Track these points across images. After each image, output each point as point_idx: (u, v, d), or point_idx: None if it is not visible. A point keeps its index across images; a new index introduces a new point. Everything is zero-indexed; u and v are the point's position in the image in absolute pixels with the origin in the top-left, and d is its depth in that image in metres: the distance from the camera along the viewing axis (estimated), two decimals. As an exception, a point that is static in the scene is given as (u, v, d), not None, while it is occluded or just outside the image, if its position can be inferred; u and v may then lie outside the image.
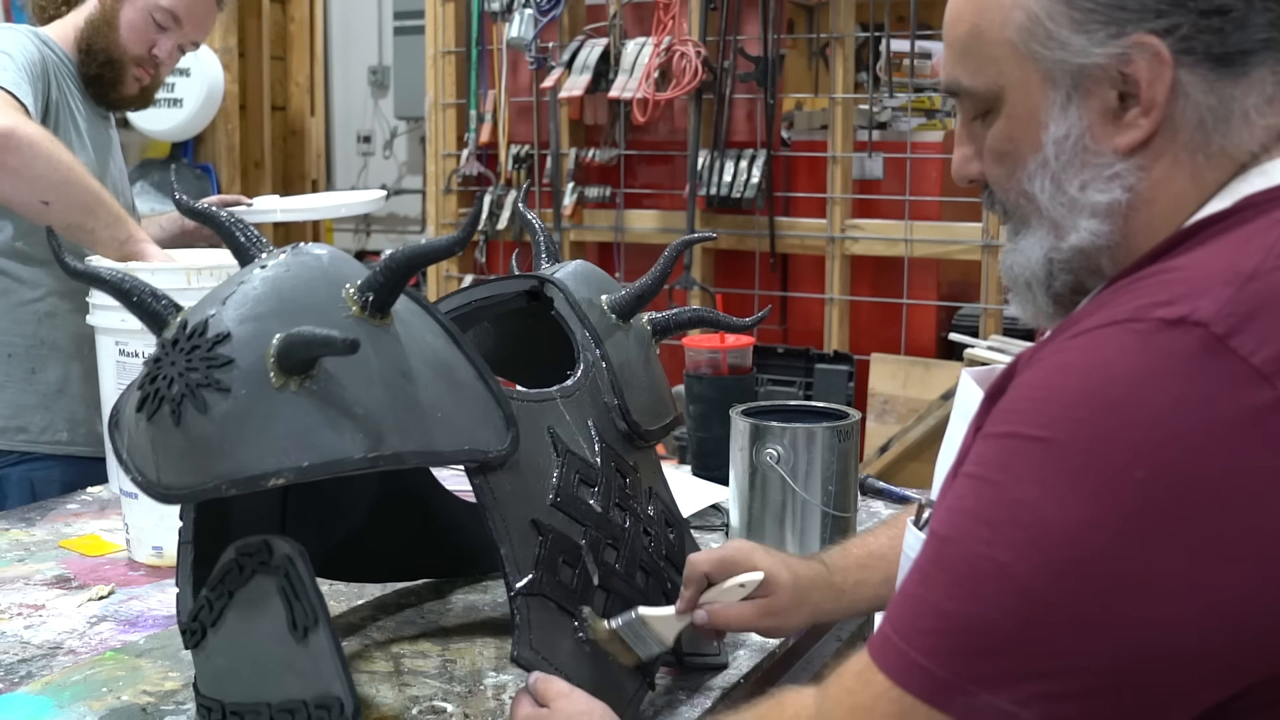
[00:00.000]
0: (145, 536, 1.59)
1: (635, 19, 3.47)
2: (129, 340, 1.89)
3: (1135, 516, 0.69)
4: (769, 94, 3.28)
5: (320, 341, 0.96)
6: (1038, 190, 0.86)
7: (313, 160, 5.18)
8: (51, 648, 1.33)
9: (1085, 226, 0.85)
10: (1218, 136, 0.81)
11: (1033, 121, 0.85)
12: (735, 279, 3.46)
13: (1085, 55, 0.82)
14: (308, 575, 1.03)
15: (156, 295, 1.07)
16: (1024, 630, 0.71)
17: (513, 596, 1.08)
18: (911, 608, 0.76)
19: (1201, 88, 0.81)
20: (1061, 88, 0.84)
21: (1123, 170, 0.83)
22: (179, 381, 0.99)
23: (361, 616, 1.43)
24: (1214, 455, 0.68)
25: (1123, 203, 0.83)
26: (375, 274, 1.04)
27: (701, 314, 1.44)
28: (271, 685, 1.04)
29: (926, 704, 0.73)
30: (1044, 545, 0.71)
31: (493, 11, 3.65)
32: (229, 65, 4.58)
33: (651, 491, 1.31)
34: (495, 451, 1.09)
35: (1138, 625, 0.69)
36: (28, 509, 1.86)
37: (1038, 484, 0.72)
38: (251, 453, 0.97)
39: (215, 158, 4.64)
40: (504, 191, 3.70)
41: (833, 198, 3.28)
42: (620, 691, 1.15)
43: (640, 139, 3.54)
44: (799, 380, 3.17)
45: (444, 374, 1.09)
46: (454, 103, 3.84)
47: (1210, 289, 0.72)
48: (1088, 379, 0.72)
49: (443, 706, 1.19)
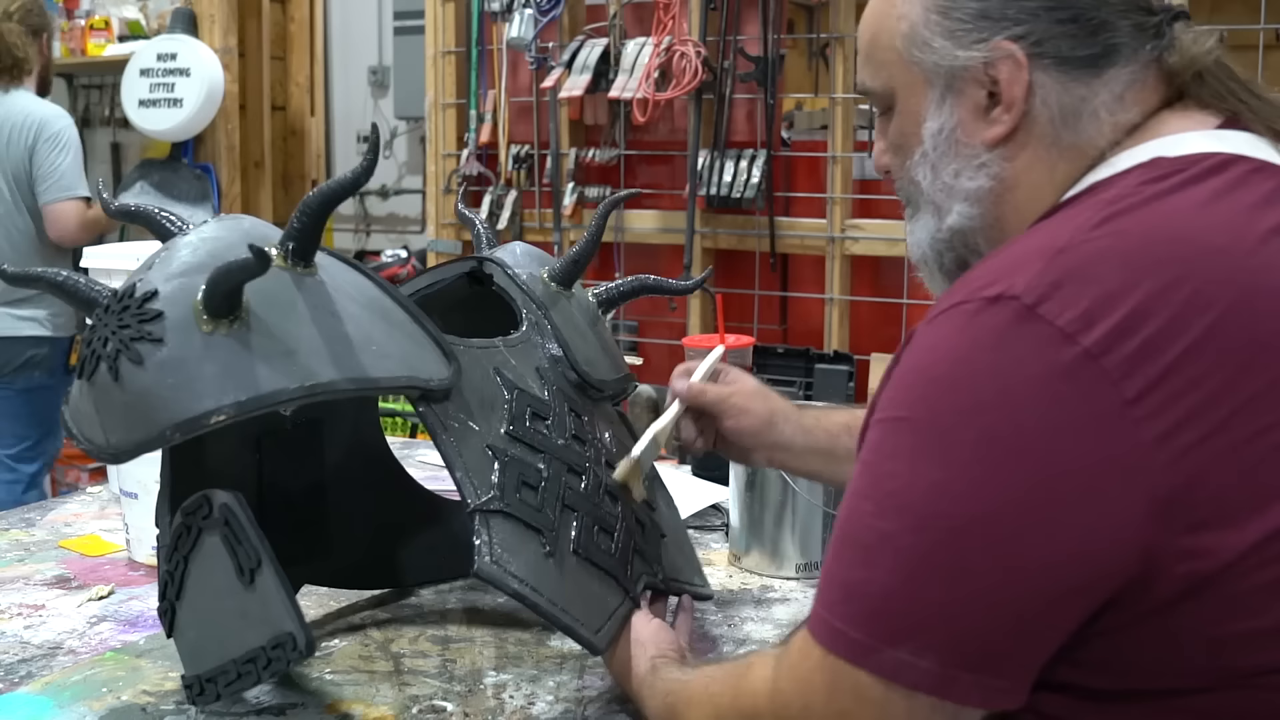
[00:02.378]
0: (145, 536, 1.59)
1: (635, 19, 3.46)
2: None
3: (973, 473, 0.78)
4: (769, 94, 3.27)
5: (237, 267, 0.98)
6: (921, 178, 0.98)
7: (313, 160, 5.18)
8: (51, 648, 1.33)
9: (958, 210, 0.96)
10: (1071, 131, 0.91)
11: (916, 117, 0.97)
12: (735, 279, 3.46)
13: (955, 59, 0.93)
14: (246, 518, 1.06)
15: (90, 284, 1.10)
16: (908, 586, 0.80)
17: (470, 513, 1.09)
18: (827, 582, 0.86)
19: (1055, 87, 0.91)
20: (937, 87, 0.95)
21: (988, 160, 0.94)
22: (113, 340, 1.02)
23: (361, 616, 1.43)
24: (1031, 411, 0.77)
25: (989, 189, 0.94)
26: (293, 221, 1.07)
27: (643, 281, 1.46)
28: (232, 641, 1.07)
29: (851, 665, 0.82)
30: (909, 509, 0.80)
31: (493, 11, 3.65)
32: (229, 65, 4.58)
33: (612, 436, 1.31)
34: (437, 380, 1.10)
35: (994, 570, 0.78)
36: (28, 509, 1.86)
37: (899, 457, 0.82)
38: (190, 396, 0.99)
39: (215, 158, 4.63)
40: (504, 191, 3.69)
41: (833, 198, 3.28)
42: (601, 605, 1.15)
43: (640, 139, 3.54)
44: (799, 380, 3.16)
45: (377, 314, 1.11)
46: (454, 103, 3.84)
47: (1025, 265, 0.81)
48: (928, 359, 0.83)
49: (443, 706, 1.19)
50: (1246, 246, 0.81)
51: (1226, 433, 0.77)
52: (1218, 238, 0.81)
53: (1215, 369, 0.77)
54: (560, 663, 1.29)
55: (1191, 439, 0.76)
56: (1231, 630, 0.78)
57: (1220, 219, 0.83)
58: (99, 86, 5.13)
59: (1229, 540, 0.77)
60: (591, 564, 1.16)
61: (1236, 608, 0.78)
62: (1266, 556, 0.77)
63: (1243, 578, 0.77)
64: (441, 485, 1.59)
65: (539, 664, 1.29)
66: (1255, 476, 0.77)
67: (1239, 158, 0.87)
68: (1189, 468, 0.76)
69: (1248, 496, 0.77)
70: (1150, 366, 0.76)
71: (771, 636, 1.40)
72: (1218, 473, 0.77)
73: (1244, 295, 0.79)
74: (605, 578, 1.17)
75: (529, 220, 3.69)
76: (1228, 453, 0.77)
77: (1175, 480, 0.76)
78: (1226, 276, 0.79)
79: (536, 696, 1.22)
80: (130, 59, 4.50)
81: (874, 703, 0.81)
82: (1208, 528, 0.77)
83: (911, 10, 0.96)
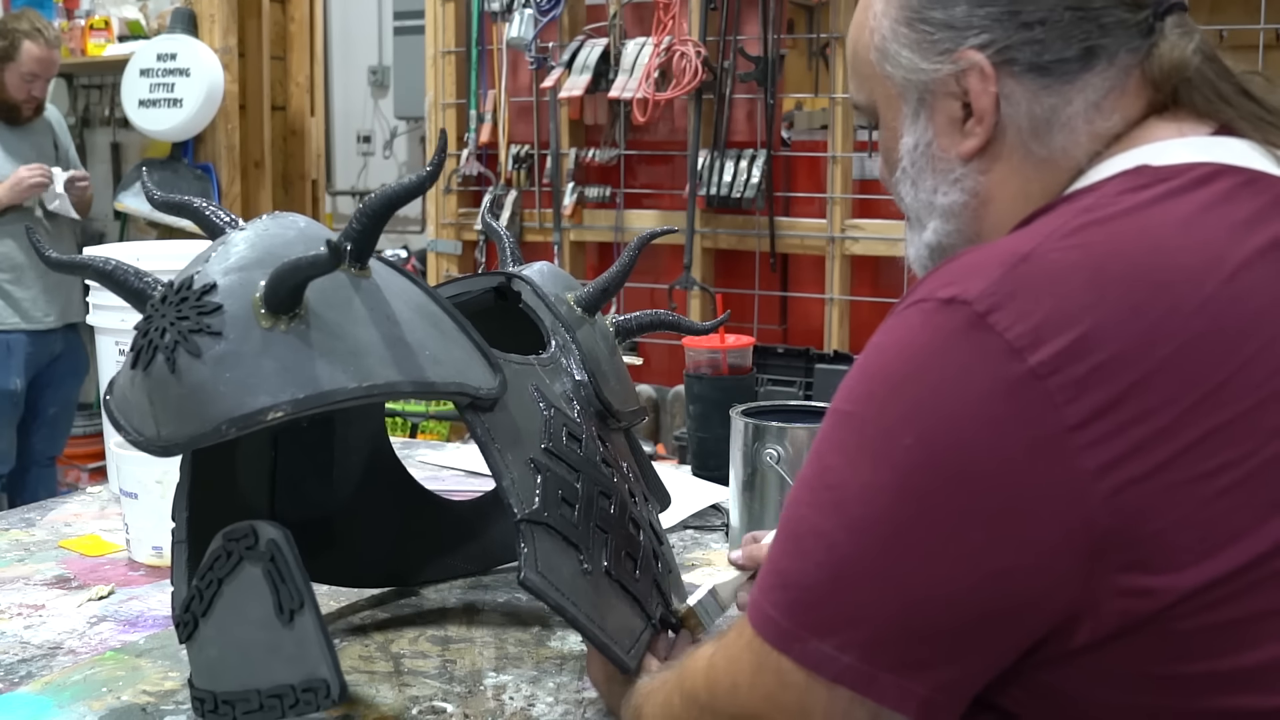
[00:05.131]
0: (145, 536, 1.59)
1: (635, 19, 3.47)
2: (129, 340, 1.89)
3: (907, 479, 0.75)
4: (769, 94, 3.28)
5: (307, 264, 0.97)
6: (905, 193, 0.94)
7: (313, 160, 5.18)
8: (51, 648, 1.33)
9: (932, 226, 0.93)
10: (1042, 142, 0.86)
11: (895, 133, 0.93)
12: (735, 279, 3.46)
13: (923, 73, 0.89)
14: (293, 558, 1.04)
15: (140, 274, 1.09)
16: (835, 582, 0.78)
17: (518, 522, 1.09)
18: (765, 567, 0.84)
19: (1025, 97, 0.86)
20: (910, 102, 0.91)
21: (963, 175, 0.90)
22: (170, 330, 1.01)
23: (361, 616, 1.43)
24: (969, 425, 0.74)
25: (963, 204, 0.90)
26: (352, 223, 1.06)
27: (661, 316, 1.46)
28: (260, 671, 1.05)
29: (776, 650, 0.81)
30: (843, 507, 0.78)
31: (493, 11, 3.65)
32: (229, 65, 4.58)
33: (629, 468, 1.32)
34: (486, 389, 1.10)
35: (917, 579, 0.76)
36: (28, 509, 1.86)
37: (841, 451, 0.80)
38: (246, 391, 0.98)
39: (215, 158, 4.63)
40: (504, 191, 3.70)
41: (833, 198, 3.28)
42: (629, 627, 1.15)
43: (640, 139, 3.54)
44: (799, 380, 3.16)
45: (429, 320, 1.10)
46: (454, 103, 3.84)
47: (985, 270, 0.77)
48: (880, 357, 0.80)
49: (443, 706, 1.19)
50: (1225, 272, 0.75)
51: (1174, 470, 0.72)
52: (1193, 259, 0.75)
53: (1169, 403, 0.72)
54: (560, 664, 1.29)
55: (1135, 473, 0.71)
56: (1181, 671, 0.74)
57: (1200, 238, 0.77)
58: (99, 86, 5.13)
59: (1170, 582, 0.72)
60: (621, 586, 1.16)
61: (1184, 648, 0.74)
62: (1216, 598, 0.72)
63: (1187, 618, 0.73)
64: (441, 485, 1.59)
65: (539, 665, 1.29)
66: (1204, 519, 0.72)
67: (1229, 169, 0.81)
68: (1130, 504, 0.72)
69: (1196, 540, 0.72)
70: (1098, 393, 0.72)
71: (771, 637, 1.40)
72: (1162, 512, 0.72)
73: (1213, 326, 0.74)
74: (632, 601, 1.17)
75: (529, 220, 3.69)
76: (1174, 491, 0.72)
77: (1114, 516, 0.72)
78: (1197, 305, 0.74)
79: (536, 698, 1.22)
80: (130, 59, 4.51)
81: (796, 688, 0.80)
82: (1147, 568, 0.72)
83: (881, 23, 0.92)
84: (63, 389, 4.19)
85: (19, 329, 3.97)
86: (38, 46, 3.90)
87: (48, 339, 4.05)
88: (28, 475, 4.14)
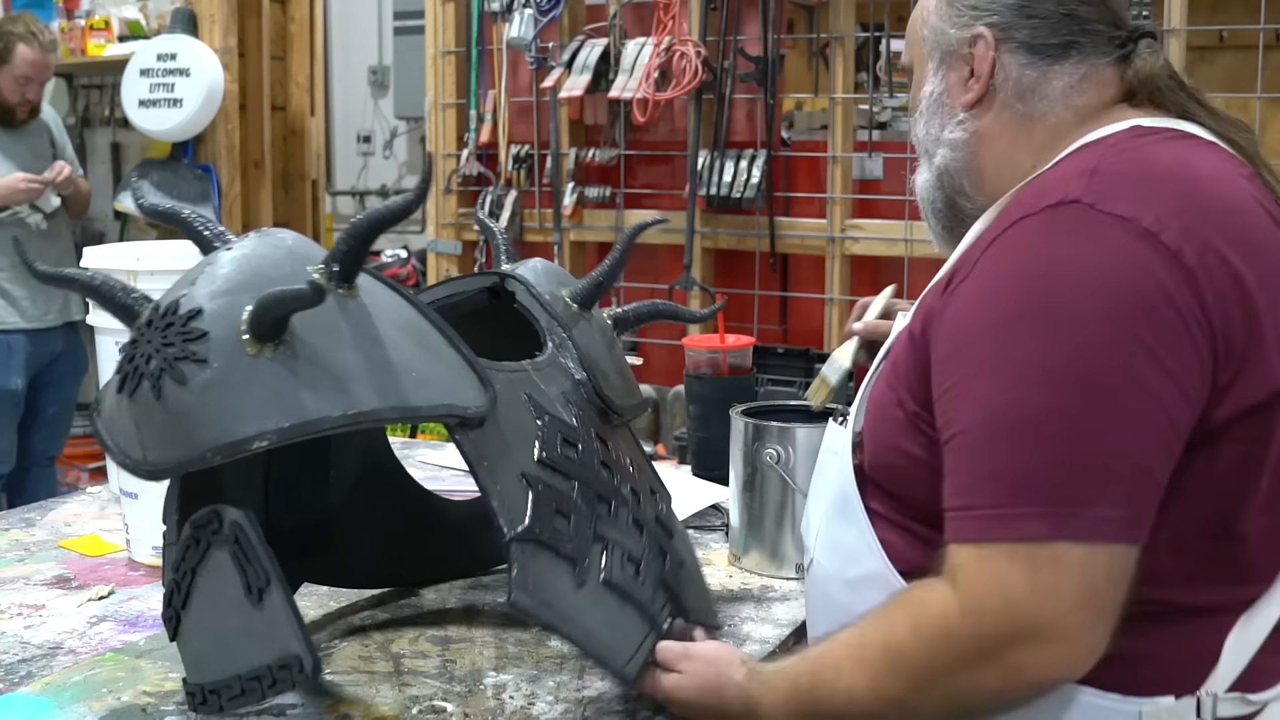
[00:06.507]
0: (145, 536, 1.59)
1: (635, 19, 3.46)
2: (129, 340, 1.89)
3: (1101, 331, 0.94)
4: (769, 94, 3.27)
5: (290, 296, 0.98)
6: (920, 131, 1.23)
7: (313, 160, 5.17)
8: (51, 648, 1.33)
9: (941, 154, 1.20)
10: (1026, 103, 1.14)
11: (921, 84, 1.23)
12: (735, 279, 3.46)
13: (947, 38, 1.19)
14: (256, 538, 1.05)
15: (127, 290, 1.09)
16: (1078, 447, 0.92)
17: (507, 543, 1.08)
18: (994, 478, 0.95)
19: (1016, 67, 1.14)
20: (935, 60, 1.20)
21: (964, 119, 1.18)
22: (156, 358, 1.01)
23: (361, 616, 1.43)
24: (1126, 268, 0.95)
25: (964, 141, 1.18)
26: (338, 244, 1.06)
27: (659, 306, 1.46)
28: (238, 656, 1.07)
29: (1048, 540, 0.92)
30: (1064, 376, 0.94)
31: (493, 11, 3.65)
32: (229, 65, 4.57)
33: (632, 462, 1.31)
34: (474, 408, 1.10)
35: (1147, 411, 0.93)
36: (28, 509, 1.86)
37: (1030, 340, 0.95)
38: (233, 419, 0.99)
39: (215, 158, 4.63)
40: (504, 191, 3.70)
41: (833, 198, 3.28)
42: (629, 635, 1.15)
43: (640, 139, 3.54)
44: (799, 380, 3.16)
45: (416, 339, 1.10)
46: (454, 103, 3.84)
47: (1067, 183, 1.02)
48: (1016, 263, 0.99)
49: (443, 706, 1.19)
50: (1230, 178, 1.04)
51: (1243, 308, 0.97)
52: (1207, 168, 1.04)
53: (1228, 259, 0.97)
54: (560, 663, 1.29)
55: (1226, 307, 0.96)
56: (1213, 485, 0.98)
57: (1203, 157, 1.06)
58: (99, 86, 5.13)
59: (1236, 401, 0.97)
60: (620, 593, 1.16)
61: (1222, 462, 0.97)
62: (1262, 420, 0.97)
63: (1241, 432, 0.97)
64: (441, 485, 1.59)
65: (539, 664, 1.29)
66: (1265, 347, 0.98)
67: (1194, 135, 1.10)
68: (1227, 331, 0.96)
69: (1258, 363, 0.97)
70: (1190, 247, 0.96)
71: (771, 636, 1.40)
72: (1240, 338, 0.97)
73: (1233, 209, 1.01)
74: (632, 607, 1.17)
75: (529, 220, 3.69)
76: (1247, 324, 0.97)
77: (1219, 341, 0.96)
78: (1220, 195, 1.01)
79: (536, 697, 1.22)
80: (130, 59, 4.50)
81: (1076, 565, 0.91)
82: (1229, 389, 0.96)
83: (929, 2, 1.22)
84: (62, 389, 4.19)
85: (19, 328, 3.97)
86: (32, 50, 3.90)
87: (48, 338, 4.05)
88: (28, 475, 4.14)
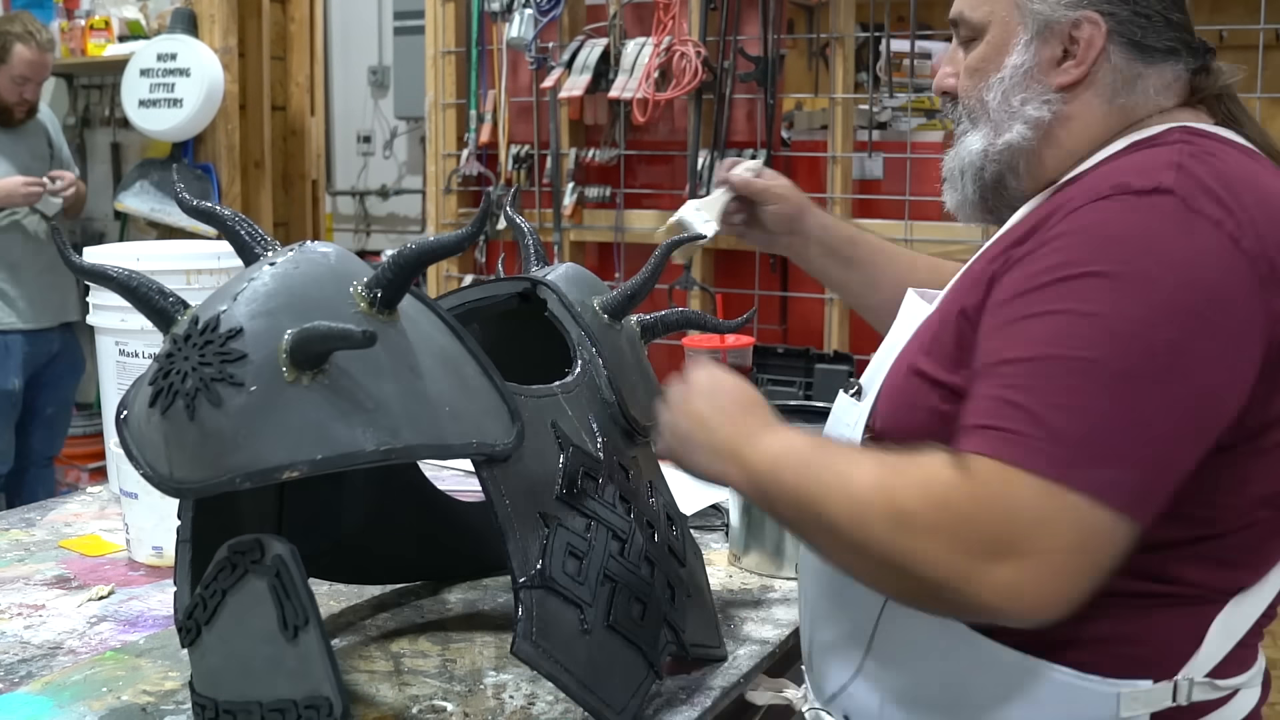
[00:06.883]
0: (145, 536, 1.59)
1: (635, 19, 3.46)
2: (129, 340, 1.89)
3: (1175, 317, 0.98)
4: (769, 94, 3.27)
5: (338, 335, 0.97)
6: (990, 99, 1.18)
7: (313, 160, 5.17)
8: (51, 648, 1.33)
9: (1017, 130, 1.17)
10: (1125, 95, 1.15)
11: (1003, 50, 1.18)
12: (735, 279, 3.46)
13: (1052, 13, 1.15)
14: (299, 575, 1.03)
15: (164, 292, 1.07)
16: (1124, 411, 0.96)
17: (518, 588, 1.08)
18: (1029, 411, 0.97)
19: (1120, 60, 1.15)
20: (1029, 31, 1.17)
21: (1052, 99, 1.16)
22: (192, 376, 0.99)
23: (361, 616, 1.43)
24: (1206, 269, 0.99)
25: (1048, 120, 1.16)
26: (384, 270, 1.05)
27: (689, 315, 1.46)
28: (262, 684, 1.05)
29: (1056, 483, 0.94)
30: (1128, 344, 0.97)
31: (493, 11, 3.64)
32: (229, 65, 4.57)
33: (652, 486, 1.31)
34: (502, 445, 1.09)
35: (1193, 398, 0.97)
36: (28, 509, 1.86)
37: (1097, 300, 0.99)
38: (265, 445, 0.98)
39: (215, 158, 4.63)
40: (504, 192, 3.70)
41: (833, 198, 3.28)
42: (628, 679, 1.15)
43: (640, 139, 3.54)
44: (799, 380, 3.16)
45: (451, 369, 1.09)
46: (454, 103, 3.83)
47: (1158, 171, 1.04)
48: (1106, 229, 1.02)
49: (443, 706, 1.20)
50: None
51: None
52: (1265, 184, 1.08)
53: None
54: (560, 663, 1.29)
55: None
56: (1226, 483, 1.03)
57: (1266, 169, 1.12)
58: (99, 86, 5.13)
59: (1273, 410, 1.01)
60: (623, 637, 1.16)
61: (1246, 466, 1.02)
62: None
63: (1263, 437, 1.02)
64: (442, 486, 1.59)
65: (539, 664, 1.29)
66: None
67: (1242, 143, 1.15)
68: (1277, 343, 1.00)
69: None
70: (1266, 259, 1.01)
71: (772, 636, 1.40)
72: None
73: None
74: (634, 651, 1.17)
75: (529, 220, 3.69)
76: None
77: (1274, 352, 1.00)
78: None
79: (536, 696, 1.22)
80: (130, 59, 4.50)
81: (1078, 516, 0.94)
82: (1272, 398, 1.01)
83: None
84: (60, 389, 4.19)
85: (16, 329, 3.97)
86: (29, 50, 3.91)
87: (45, 338, 4.05)
88: (26, 475, 4.14)
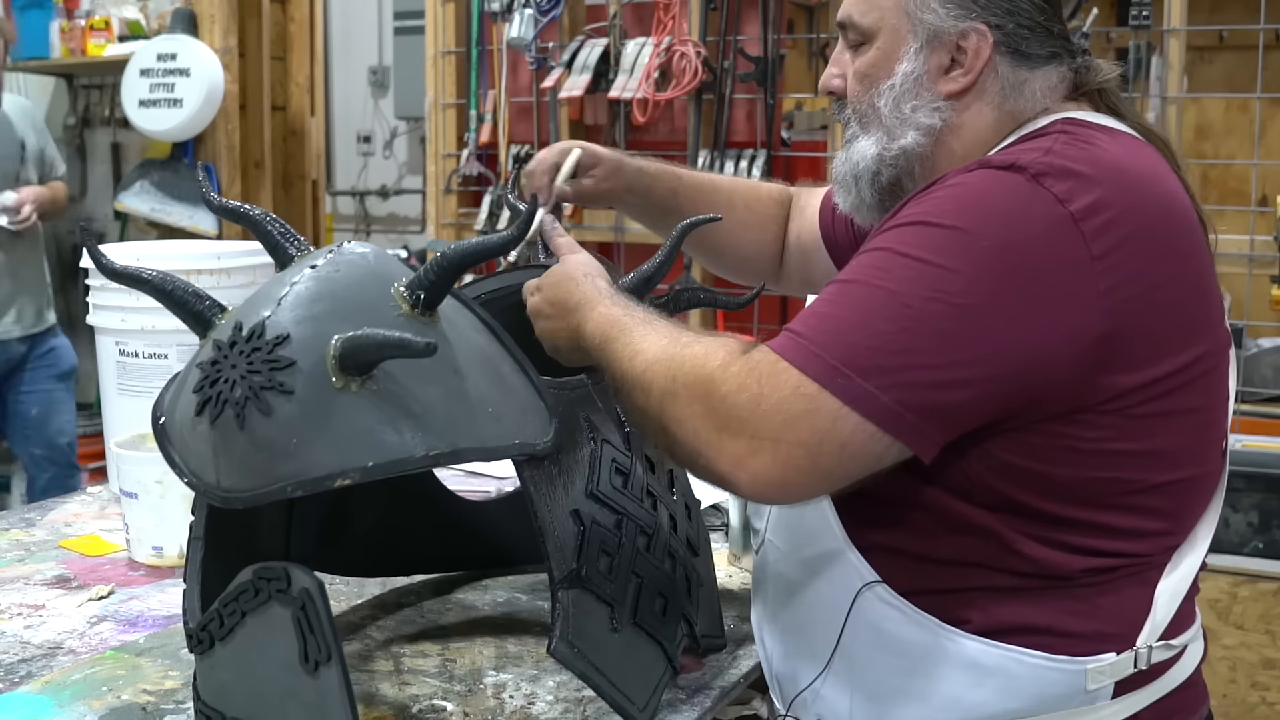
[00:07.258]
0: (145, 536, 1.59)
1: (635, 19, 3.47)
2: (129, 340, 1.89)
3: (983, 267, 1.03)
4: (769, 94, 3.28)
5: (395, 344, 0.97)
6: (881, 105, 1.22)
7: (313, 160, 5.17)
8: (51, 647, 1.33)
9: (911, 136, 1.21)
10: (1012, 100, 1.20)
11: (893, 57, 1.21)
12: (735, 279, 3.46)
13: (941, 23, 1.19)
14: (324, 610, 1.02)
15: (199, 295, 1.07)
16: (897, 335, 1.01)
17: (556, 588, 1.08)
18: (813, 315, 1.06)
19: (1005, 69, 1.20)
20: (919, 40, 1.20)
21: (942, 107, 1.20)
22: (241, 385, 0.98)
23: (361, 616, 1.43)
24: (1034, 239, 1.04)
25: (939, 128, 1.21)
26: (426, 272, 1.05)
27: (699, 295, 1.46)
28: (274, 710, 1.04)
29: (816, 381, 1.01)
30: (924, 282, 1.03)
31: (493, 11, 3.65)
32: (229, 65, 4.57)
33: (672, 475, 1.31)
34: (542, 444, 1.10)
35: (972, 339, 1.02)
36: (28, 509, 1.86)
37: (925, 247, 1.05)
38: (316, 454, 0.97)
39: (215, 158, 4.63)
40: (505, 191, 3.70)
41: (833, 198, 3.28)
42: (648, 676, 1.16)
43: (640, 139, 3.54)
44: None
45: (490, 369, 1.10)
46: (454, 103, 3.84)
47: (1026, 153, 1.10)
48: (961, 192, 1.08)
49: (443, 705, 1.20)
50: (1161, 178, 1.13)
51: (1142, 299, 1.05)
52: (1143, 168, 1.13)
53: (1140, 253, 1.06)
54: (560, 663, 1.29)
55: (1124, 297, 1.04)
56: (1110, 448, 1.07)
57: (1140, 156, 1.15)
58: (99, 86, 5.13)
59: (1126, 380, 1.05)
60: (646, 632, 1.16)
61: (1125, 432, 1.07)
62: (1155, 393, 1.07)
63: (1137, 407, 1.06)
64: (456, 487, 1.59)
65: (539, 664, 1.29)
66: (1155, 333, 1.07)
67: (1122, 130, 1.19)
68: (1118, 318, 1.04)
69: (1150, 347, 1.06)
70: (1108, 238, 1.04)
71: (771, 636, 1.40)
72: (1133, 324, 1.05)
73: (1161, 209, 1.10)
74: (654, 645, 1.17)
75: (529, 220, 3.69)
76: (1143, 313, 1.05)
77: (1108, 325, 1.04)
78: (1152, 194, 1.11)
79: (536, 696, 1.22)
80: (130, 59, 4.50)
81: (827, 415, 1.00)
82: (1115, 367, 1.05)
83: None
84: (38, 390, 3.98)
85: None
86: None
87: (5, 348, 3.83)
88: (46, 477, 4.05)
